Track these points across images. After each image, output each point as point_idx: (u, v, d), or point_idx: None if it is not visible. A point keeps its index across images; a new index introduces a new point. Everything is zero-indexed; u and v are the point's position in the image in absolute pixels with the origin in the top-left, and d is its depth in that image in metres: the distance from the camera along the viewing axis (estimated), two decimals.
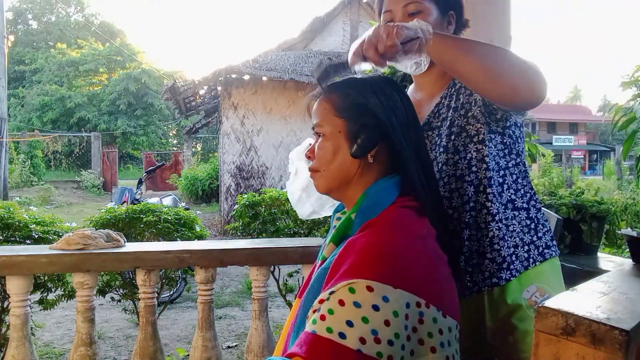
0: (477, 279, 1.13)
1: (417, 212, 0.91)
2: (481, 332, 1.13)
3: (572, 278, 1.21)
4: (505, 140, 1.16)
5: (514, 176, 1.17)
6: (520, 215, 1.16)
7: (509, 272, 1.10)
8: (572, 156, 28.39)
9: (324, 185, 0.98)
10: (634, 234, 0.92)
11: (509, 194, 1.16)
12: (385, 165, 0.95)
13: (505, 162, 1.16)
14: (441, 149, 1.17)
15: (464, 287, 1.13)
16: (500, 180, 1.15)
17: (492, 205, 1.12)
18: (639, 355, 0.59)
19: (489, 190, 1.12)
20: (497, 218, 1.12)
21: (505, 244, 1.11)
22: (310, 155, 1.01)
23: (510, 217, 1.14)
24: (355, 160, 0.94)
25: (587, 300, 0.66)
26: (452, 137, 1.16)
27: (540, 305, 0.67)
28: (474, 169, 1.14)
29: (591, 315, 0.59)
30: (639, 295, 0.70)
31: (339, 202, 1.04)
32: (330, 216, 1.10)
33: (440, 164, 1.18)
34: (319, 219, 3.52)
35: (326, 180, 0.97)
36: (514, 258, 1.12)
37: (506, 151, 1.17)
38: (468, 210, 1.14)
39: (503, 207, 1.14)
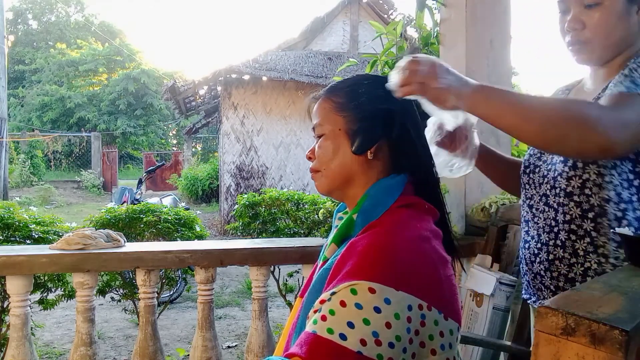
0: None
1: (420, 211, 0.89)
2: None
3: None
4: (637, 170, 1.01)
5: (638, 212, 1.02)
6: None
7: None
8: None
9: (326, 185, 0.96)
10: (630, 232, 0.90)
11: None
12: (387, 163, 0.93)
13: (629, 195, 1.01)
14: (561, 158, 1.06)
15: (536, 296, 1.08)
16: (619, 214, 1.01)
17: (599, 237, 1.02)
18: (639, 355, 0.59)
19: (599, 220, 1.02)
20: (599, 251, 1.02)
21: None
22: (310, 155, 0.99)
23: (617, 256, 1.02)
24: (356, 158, 0.92)
25: (587, 300, 0.66)
26: None
27: (540, 305, 0.68)
28: (587, 191, 1.03)
29: (591, 315, 0.59)
30: (639, 295, 0.70)
31: (341, 202, 1.03)
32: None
33: (556, 172, 1.07)
34: (319, 219, 3.53)
35: (327, 180, 0.96)
36: None
37: (635, 182, 1.02)
38: (567, 230, 1.05)
39: (614, 243, 1.01)
